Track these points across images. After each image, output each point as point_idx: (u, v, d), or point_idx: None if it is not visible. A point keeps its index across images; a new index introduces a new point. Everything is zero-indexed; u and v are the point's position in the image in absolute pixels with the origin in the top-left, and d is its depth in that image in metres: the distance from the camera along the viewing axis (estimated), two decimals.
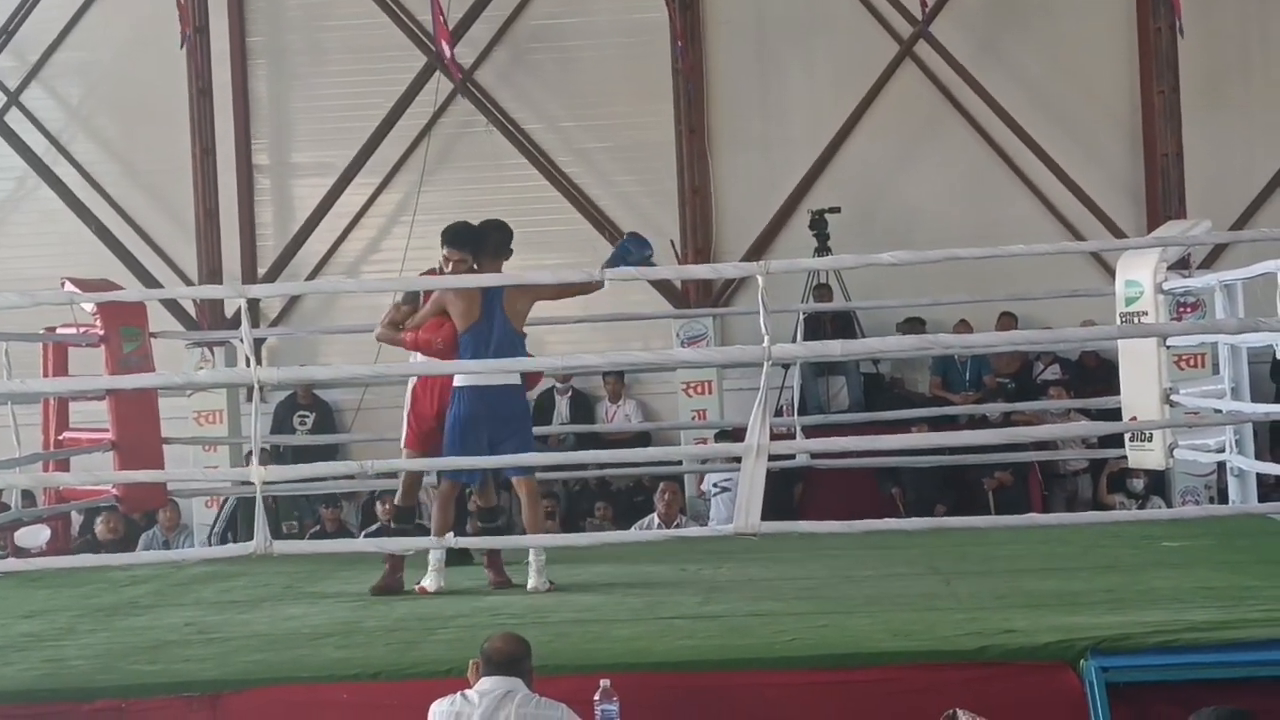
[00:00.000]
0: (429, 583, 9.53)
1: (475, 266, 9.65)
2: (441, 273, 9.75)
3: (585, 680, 6.73)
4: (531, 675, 6.49)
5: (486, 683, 6.40)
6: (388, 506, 13.34)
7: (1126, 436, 11.64)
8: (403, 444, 9.92)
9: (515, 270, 10.30)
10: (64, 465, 12.52)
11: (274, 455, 16.00)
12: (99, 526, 14.60)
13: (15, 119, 18.79)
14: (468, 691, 6.42)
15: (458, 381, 9.51)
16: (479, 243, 9.73)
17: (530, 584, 9.41)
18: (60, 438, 12.38)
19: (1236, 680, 6.76)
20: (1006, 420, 15.00)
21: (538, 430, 16.06)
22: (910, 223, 17.52)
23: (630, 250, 9.95)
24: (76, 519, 15.18)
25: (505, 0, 18.11)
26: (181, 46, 17.51)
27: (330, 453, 15.96)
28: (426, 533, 10.18)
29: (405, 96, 18.10)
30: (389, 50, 18.25)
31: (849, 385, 16.27)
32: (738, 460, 8.96)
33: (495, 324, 9.55)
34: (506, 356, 9.52)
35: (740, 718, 6.97)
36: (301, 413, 17.14)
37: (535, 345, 17.09)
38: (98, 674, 7.42)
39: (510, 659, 6.46)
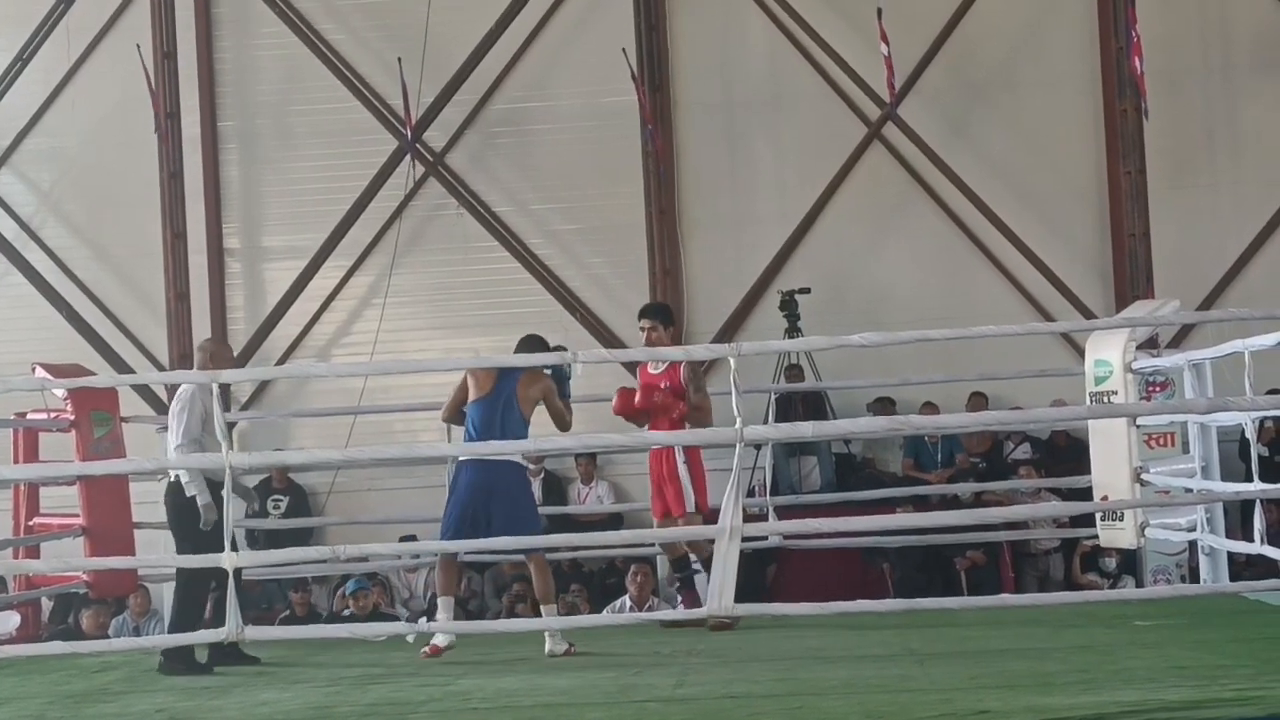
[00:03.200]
0: (441, 640, 10.09)
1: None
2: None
3: None
4: None
5: None
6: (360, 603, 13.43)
7: (1098, 516, 11.68)
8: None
9: (489, 353, 10.47)
10: (34, 551, 12.47)
11: (247, 539, 15.98)
12: (85, 621, 14.53)
13: None
14: None
15: (461, 455, 10.21)
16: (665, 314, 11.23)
17: (548, 649, 9.99)
18: (31, 523, 12.36)
19: None
20: (978, 500, 15.02)
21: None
22: (880, 303, 17.58)
23: (562, 371, 10.55)
24: (46, 605, 15.09)
25: (476, 84, 18.19)
26: (156, 131, 17.55)
27: (304, 536, 15.91)
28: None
29: (376, 180, 18.14)
30: (360, 134, 18.31)
31: (821, 465, 16.27)
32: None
33: (502, 402, 10.13)
34: (508, 436, 10.11)
35: None
36: (275, 497, 17.07)
37: None
38: None
39: None
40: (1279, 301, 11.78)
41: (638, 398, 11.04)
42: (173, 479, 10.34)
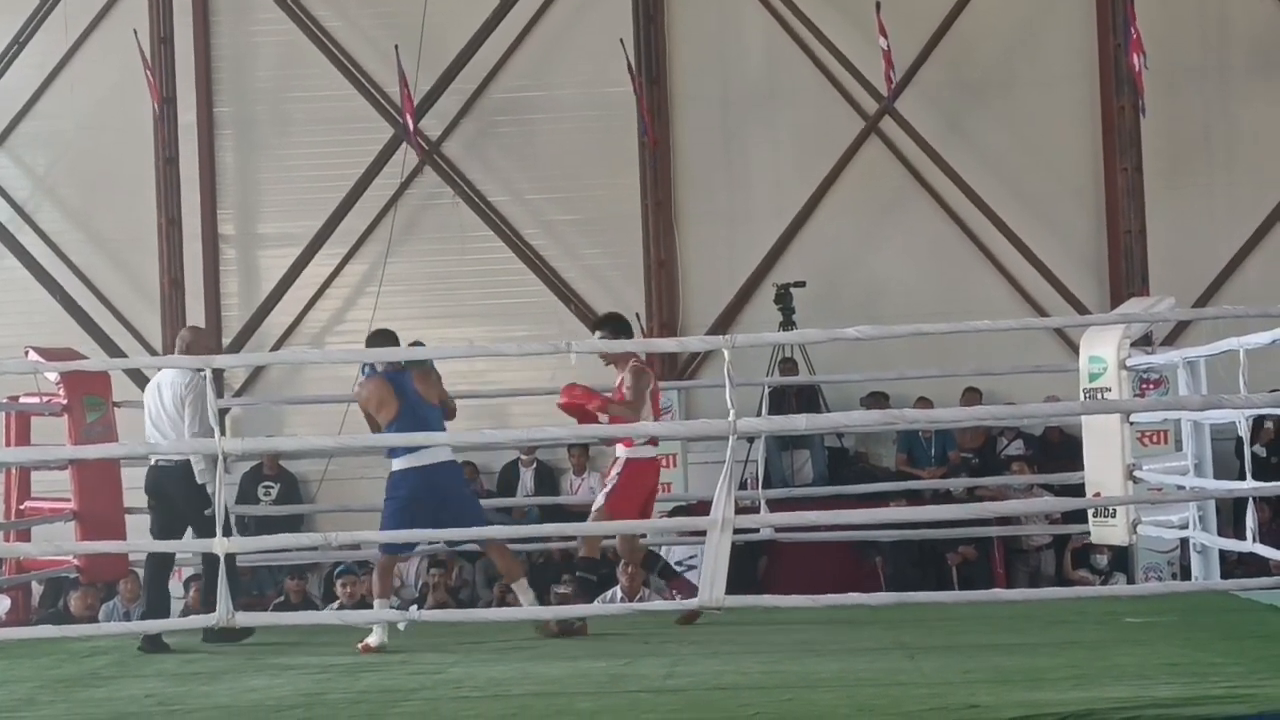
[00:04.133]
0: (373, 640, 9.96)
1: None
2: None
3: None
4: None
5: None
6: (349, 590, 13.36)
7: (1090, 512, 11.69)
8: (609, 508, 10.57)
9: (482, 342, 10.42)
10: (25, 535, 12.46)
11: (239, 526, 15.98)
12: (74, 603, 14.50)
13: None
14: None
15: (395, 465, 10.13)
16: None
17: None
18: (22, 507, 12.34)
19: None
20: (970, 496, 15.03)
21: (504, 502, 16.12)
22: (875, 297, 17.58)
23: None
24: (37, 589, 15.07)
25: (473, 73, 18.18)
26: (157, 113, 17.52)
27: (295, 523, 15.89)
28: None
29: (372, 168, 18.13)
30: (356, 122, 18.30)
31: (813, 459, 16.27)
32: (701, 534, 8.98)
33: (415, 405, 10.14)
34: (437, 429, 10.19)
35: None
36: (266, 483, 17.07)
37: (500, 417, 17.23)
38: None
39: None
40: (1274, 299, 11.75)
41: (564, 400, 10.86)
42: (170, 463, 10.29)
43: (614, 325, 11.02)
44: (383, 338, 10.61)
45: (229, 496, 10.55)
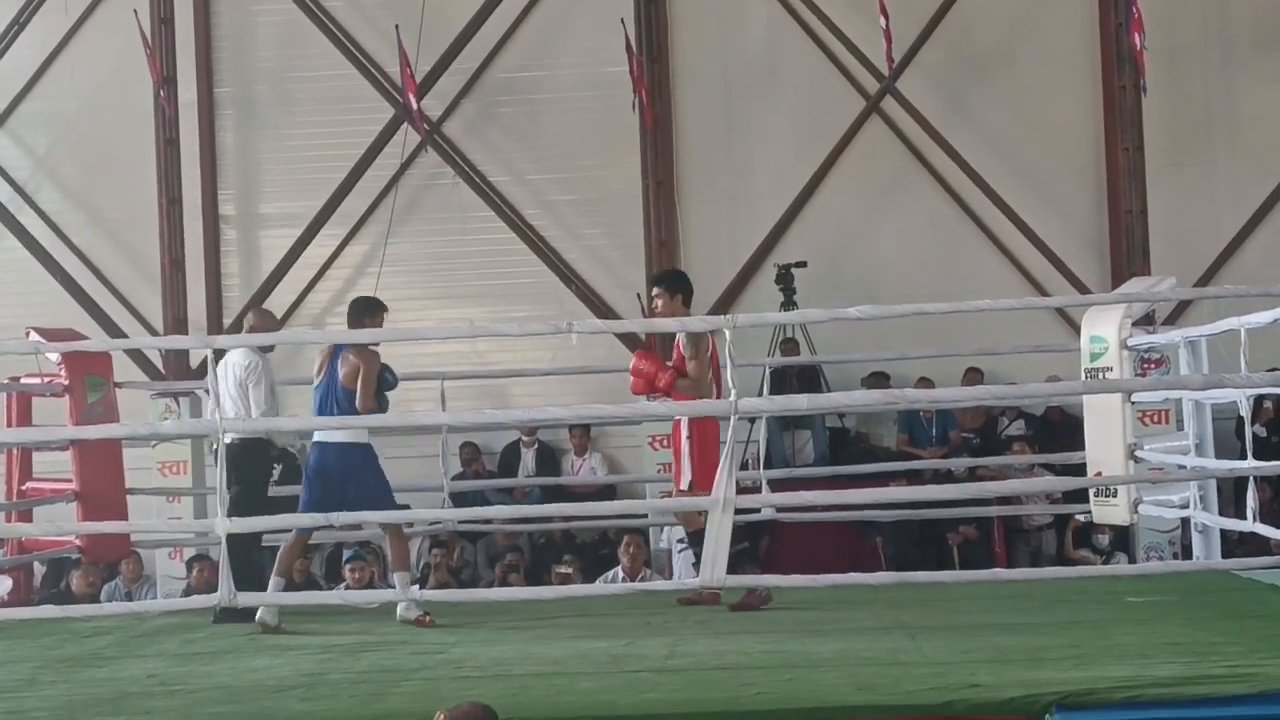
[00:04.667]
0: (271, 618, 10.10)
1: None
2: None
3: None
4: None
5: None
6: (357, 575, 13.34)
7: (1091, 492, 11.68)
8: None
9: (483, 323, 10.42)
10: (27, 515, 12.46)
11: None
12: (75, 581, 14.51)
13: None
14: None
15: (315, 436, 10.40)
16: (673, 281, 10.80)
17: (399, 615, 10.13)
18: (23, 488, 12.34)
19: None
20: (972, 476, 15.02)
21: (505, 483, 16.13)
22: (876, 278, 17.56)
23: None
24: (39, 570, 15.09)
25: (473, 53, 18.15)
26: (158, 93, 17.50)
27: (297, 504, 15.88)
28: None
29: (373, 148, 18.12)
30: (356, 102, 18.29)
31: (815, 439, 16.27)
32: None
33: (331, 383, 10.38)
34: (339, 410, 10.26)
35: None
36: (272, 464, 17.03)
37: (501, 398, 17.24)
38: None
39: None
40: (1275, 279, 11.79)
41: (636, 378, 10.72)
42: (233, 441, 10.43)
43: (670, 281, 10.91)
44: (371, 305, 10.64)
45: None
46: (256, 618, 10.10)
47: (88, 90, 18.67)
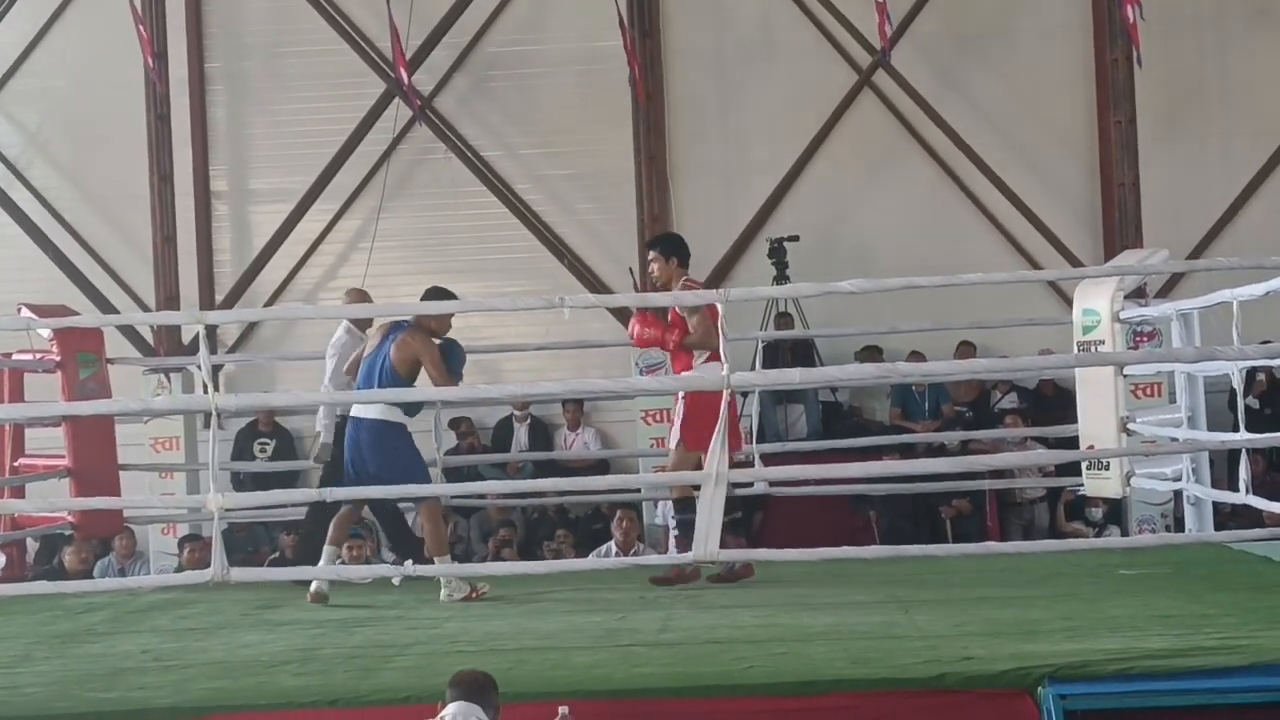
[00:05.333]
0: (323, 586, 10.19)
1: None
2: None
3: (544, 707, 6.75)
4: (498, 711, 6.51)
5: (452, 707, 6.45)
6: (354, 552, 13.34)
7: (1083, 465, 11.68)
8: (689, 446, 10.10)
9: (475, 298, 10.38)
10: (19, 492, 12.46)
11: (234, 482, 16.04)
12: (68, 557, 14.51)
13: None
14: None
15: (352, 411, 10.28)
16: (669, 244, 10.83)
17: (443, 596, 10.06)
18: (16, 464, 12.33)
19: (1192, 708, 6.82)
20: (964, 449, 15.04)
21: (498, 458, 16.14)
22: (869, 251, 17.56)
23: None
24: (32, 546, 15.09)
25: (465, 27, 18.12)
26: (149, 69, 17.45)
27: (291, 479, 15.91)
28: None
29: (364, 123, 18.09)
30: (348, 77, 18.25)
31: (807, 413, 16.28)
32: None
33: (380, 360, 10.20)
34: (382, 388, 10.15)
35: None
36: (262, 440, 17.06)
37: (494, 373, 17.22)
38: (53, 701, 7.37)
39: (477, 685, 6.52)
40: (1267, 251, 11.73)
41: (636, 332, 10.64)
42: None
43: (664, 244, 10.87)
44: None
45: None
46: (311, 589, 10.14)
47: (79, 66, 18.62)
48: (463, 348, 10.40)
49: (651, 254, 10.78)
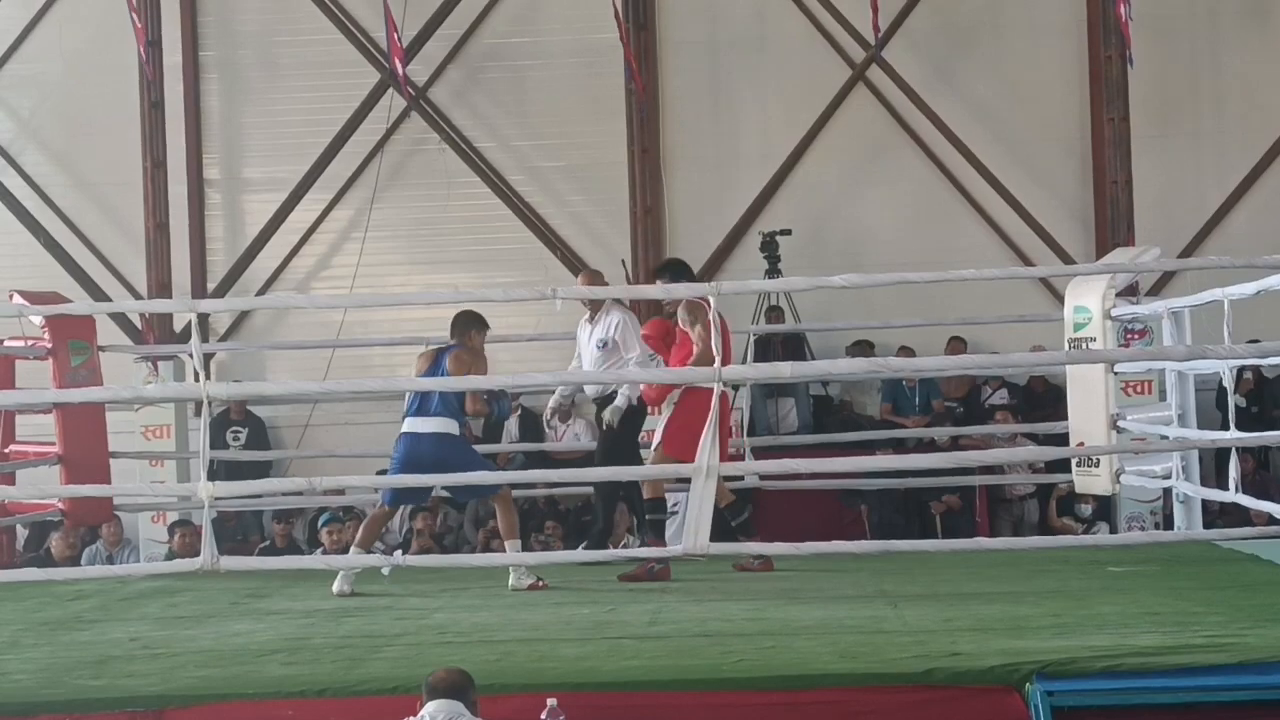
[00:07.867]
0: (337, 586, 10.09)
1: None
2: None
3: (532, 699, 6.75)
4: (476, 706, 6.52)
5: (432, 706, 6.44)
6: (335, 538, 13.35)
7: (1073, 462, 11.71)
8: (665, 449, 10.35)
9: (469, 289, 10.37)
10: (10, 478, 12.45)
11: (209, 472, 15.98)
12: (55, 544, 14.51)
13: None
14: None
15: (404, 427, 10.25)
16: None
17: (511, 583, 10.12)
18: (6, 451, 12.32)
19: (1180, 705, 6.83)
20: (955, 445, 15.05)
21: (489, 449, 16.15)
22: (861, 246, 17.56)
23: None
24: (21, 533, 15.08)
25: (459, 19, 18.10)
26: (143, 57, 17.42)
27: (264, 468, 15.94)
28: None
29: (358, 113, 18.08)
30: (342, 67, 18.22)
31: (798, 407, 16.26)
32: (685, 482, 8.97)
33: (436, 375, 10.24)
34: (439, 409, 10.20)
35: None
36: (234, 428, 17.01)
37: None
38: (41, 689, 7.37)
39: (454, 686, 6.51)
40: (1259, 250, 11.75)
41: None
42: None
43: (674, 270, 10.90)
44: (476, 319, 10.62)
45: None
46: (334, 587, 10.09)
47: (72, 53, 18.58)
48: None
49: (660, 281, 10.79)
